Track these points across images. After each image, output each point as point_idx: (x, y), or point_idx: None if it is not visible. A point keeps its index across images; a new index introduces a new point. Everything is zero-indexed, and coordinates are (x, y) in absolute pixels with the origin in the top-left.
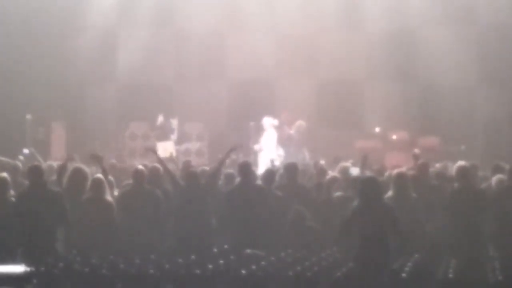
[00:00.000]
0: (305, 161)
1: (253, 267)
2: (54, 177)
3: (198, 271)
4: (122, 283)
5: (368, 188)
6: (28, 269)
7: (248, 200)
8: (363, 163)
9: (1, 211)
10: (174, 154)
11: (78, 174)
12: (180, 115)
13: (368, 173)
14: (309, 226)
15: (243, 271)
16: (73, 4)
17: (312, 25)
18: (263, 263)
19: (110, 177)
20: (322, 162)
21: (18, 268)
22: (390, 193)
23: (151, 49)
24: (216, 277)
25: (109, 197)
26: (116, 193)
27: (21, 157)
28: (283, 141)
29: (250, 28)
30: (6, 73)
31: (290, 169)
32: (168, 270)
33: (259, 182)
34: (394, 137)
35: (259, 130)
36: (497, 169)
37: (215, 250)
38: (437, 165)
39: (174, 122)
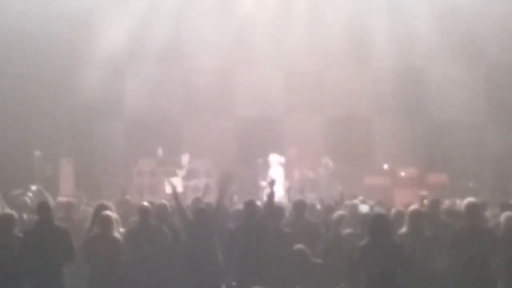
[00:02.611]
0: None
1: None
2: (61, 214)
3: None
4: None
5: (377, 225)
6: None
7: (252, 237)
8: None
9: (8, 247)
10: (181, 190)
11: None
12: (188, 151)
13: (377, 210)
14: (312, 262)
15: None
16: (81, 41)
17: (320, 61)
18: None
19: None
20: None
21: None
22: (403, 229)
23: (159, 85)
24: None
25: (116, 234)
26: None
27: (29, 194)
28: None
29: (258, 64)
30: (14, 109)
31: (298, 205)
32: None
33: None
34: (403, 173)
35: (267, 166)
36: (505, 207)
37: (223, 287)
38: (446, 202)
39: (185, 159)
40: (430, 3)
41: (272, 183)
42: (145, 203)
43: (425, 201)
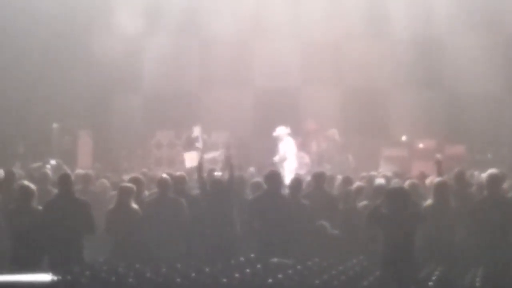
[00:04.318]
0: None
1: (280, 276)
2: (79, 186)
3: (224, 280)
4: None
5: (395, 197)
6: (55, 277)
7: (272, 208)
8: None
9: (26, 219)
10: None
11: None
12: (206, 124)
13: (395, 182)
14: (331, 235)
15: (270, 280)
16: (99, 13)
17: (338, 33)
18: (289, 272)
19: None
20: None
21: (45, 277)
22: (429, 201)
23: (176, 57)
24: (242, 286)
25: (134, 205)
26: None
27: (48, 166)
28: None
29: (276, 36)
30: (32, 83)
31: (318, 177)
32: (194, 279)
33: (286, 191)
34: (421, 145)
35: (281, 139)
36: None
37: (242, 258)
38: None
39: (197, 130)
40: None
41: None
42: (164, 175)
43: (438, 164)
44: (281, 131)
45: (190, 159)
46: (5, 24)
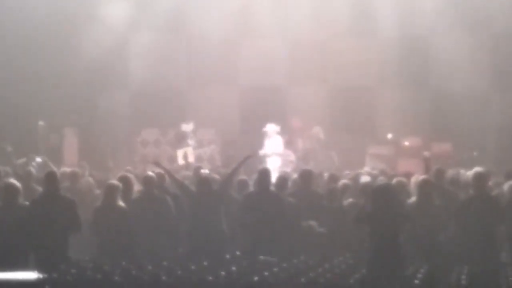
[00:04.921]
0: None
1: (266, 273)
2: (65, 184)
3: (210, 278)
4: None
5: (380, 195)
6: (40, 275)
7: (265, 206)
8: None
9: (12, 217)
10: (192, 159)
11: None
12: (193, 121)
13: (380, 180)
14: (318, 233)
15: (256, 278)
16: (85, 9)
17: (325, 31)
18: (275, 269)
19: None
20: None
21: (30, 275)
22: (413, 199)
23: (163, 55)
24: (228, 284)
25: (121, 203)
26: None
27: (34, 164)
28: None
29: (263, 34)
30: (18, 79)
31: (305, 176)
32: (180, 276)
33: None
34: (407, 143)
35: (268, 136)
36: (510, 175)
37: (228, 256)
38: (450, 171)
39: (186, 127)
40: None
41: (248, 158)
42: (150, 173)
43: (426, 161)
44: (271, 128)
45: (183, 156)
46: None
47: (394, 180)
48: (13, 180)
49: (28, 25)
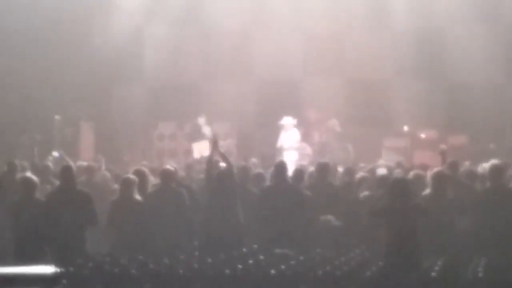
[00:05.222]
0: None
1: (283, 266)
2: (81, 178)
3: (227, 271)
4: (151, 283)
5: (397, 188)
6: (57, 269)
7: (282, 199)
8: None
9: (29, 211)
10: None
11: None
12: (208, 115)
13: (397, 173)
14: (334, 226)
15: (273, 271)
16: (100, 3)
17: (340, 24)
18: (292, 262)
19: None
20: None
21: (47, 269)
22: (427, 191)
23: (178, 48)
24: (245, 277)
25: (138, 197)
26: None
27: (51, 158)
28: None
29: (278, 27)
30: (34, 74)
31: (322, 168)
32: (197, 269)
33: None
34: (423, 135)
35: (283, 129)
36: None
37: (244, 249)
38: (466, 164)
39: (201, 120)
40: None
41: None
42: (168, 166)
43: (442, 154)
44: (287, 121)
45: (199, 149)
46: (6, 17)
47: (412, 173)
48: (30, 174)
49: (44, 19)
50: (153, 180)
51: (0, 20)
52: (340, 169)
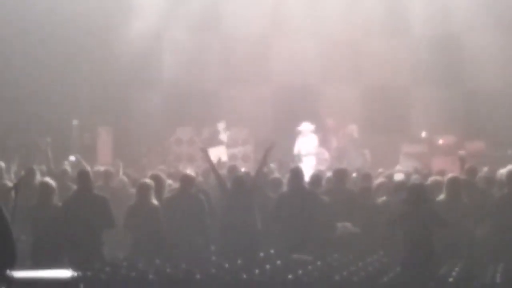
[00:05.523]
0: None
1: (300, 272)
2: (99, 183)
3: (244, 276)
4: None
5: (415, 194)
6: (74, 273)
7: (300, 205)
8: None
9: (46, 215)
10: (225, 158)
11: None
12: (226, 121)
13: (414, 179)
14: (352, 232)
15: (290, 276)
16: (119, 9)
17: (357, 30)
18: (309, 268)
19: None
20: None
21: (64, 273)
22: (441, 196)
23: (197, 54)
24: (262, 282)
25: (155, 201)
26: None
27: (67, 162)
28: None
29: (296, 33)
30: (52, 79)
31: (339, 174)
32: (214, 274)
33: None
34: (441, 141)
35: (301, 135)
36: None
37: (262, 254)
38: (484, 169)
39: (221, 126)
40: None
41: (268, 150)
42: (188, 171)
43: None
44: (306, 126)
45: (215, 155)
46: (26, 22)
47: (430, 179)
48: (48, 179)
49: (63, 24)
50: (171, 183)
51: (19, 26)
52: (354, 174)
